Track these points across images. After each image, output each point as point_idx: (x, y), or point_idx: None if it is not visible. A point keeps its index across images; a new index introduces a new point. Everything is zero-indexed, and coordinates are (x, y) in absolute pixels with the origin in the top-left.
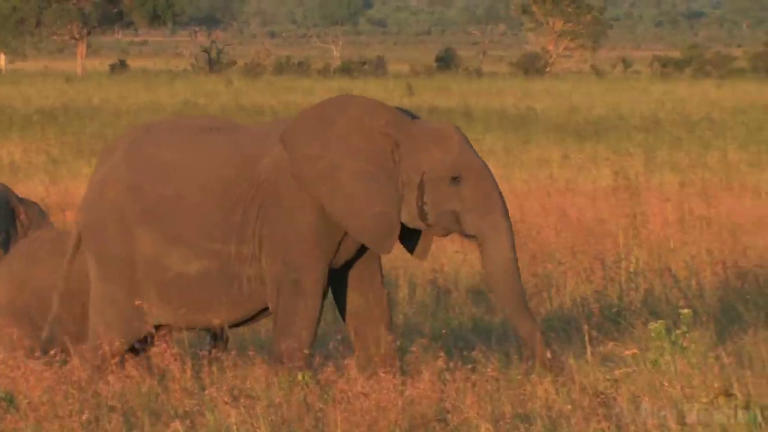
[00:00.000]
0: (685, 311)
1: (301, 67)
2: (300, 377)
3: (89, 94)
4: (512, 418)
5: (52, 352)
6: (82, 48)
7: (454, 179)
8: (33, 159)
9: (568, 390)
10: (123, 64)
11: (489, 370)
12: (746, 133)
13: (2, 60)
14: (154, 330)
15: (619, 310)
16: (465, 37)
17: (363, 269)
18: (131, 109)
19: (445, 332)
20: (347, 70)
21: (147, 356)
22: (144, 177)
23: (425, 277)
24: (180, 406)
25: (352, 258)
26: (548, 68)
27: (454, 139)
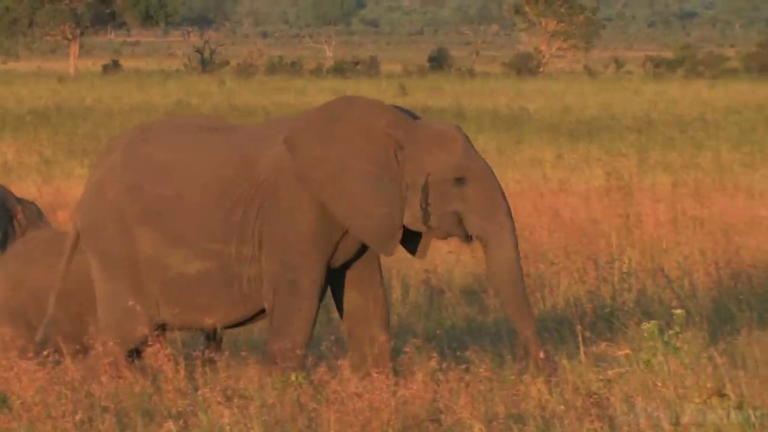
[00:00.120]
0: (678, 311)
1: (294, 68)
2: (293, 377)
3: (82, 95)
4: (505, 418)
5: (45, 352)
6: (74, 48)
7: (458, 180)
8: (25, 159)
9: (562, 390)
10: (116, 65)
11: (482, 370)
12: (739, 133)
13: None
14: (159, 326)
15: (612, 310)
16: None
17: (363, 269)
18: (124, 110)
19: (439, 333)
20: (340, 70)
21: (140, 356)
22: (143, 177)
23: (418, 277)
24: (173, 406)
25: (350, 259)
26: (541, 68)
27: (457, 141)
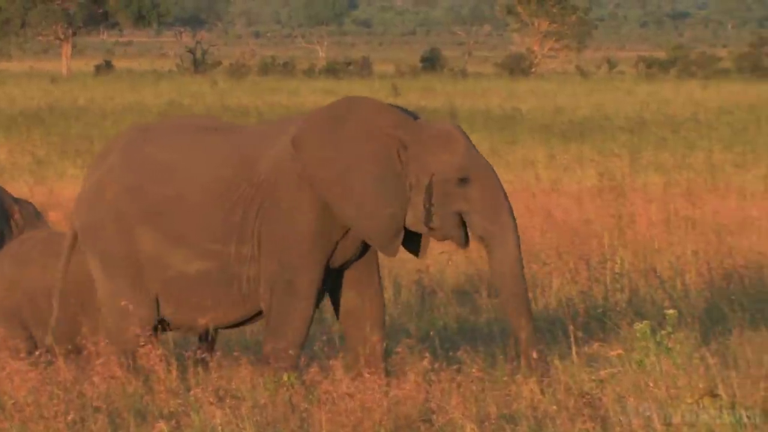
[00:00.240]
0: (671, 312)
1: (286, 68)
2: (285, 378)
3: (74, 95)
4: (497, 418)
5: (38, 353)
6: (67, 48)
7: (462, 181)
8: (18, 160)
9: (554, 390)
10: (108, 65)
11: (474, 370)
12: (731, 133)
13: None
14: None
15: (604, 310)
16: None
17: (362, 270)
18: (116, 110)
19: (431, 333)
20: (332, 70)
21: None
22: (143, 177)
23: (410, 277)
24: (165, 406)
25: (349, 259)
26: (533, 69)
27: (460, 141)
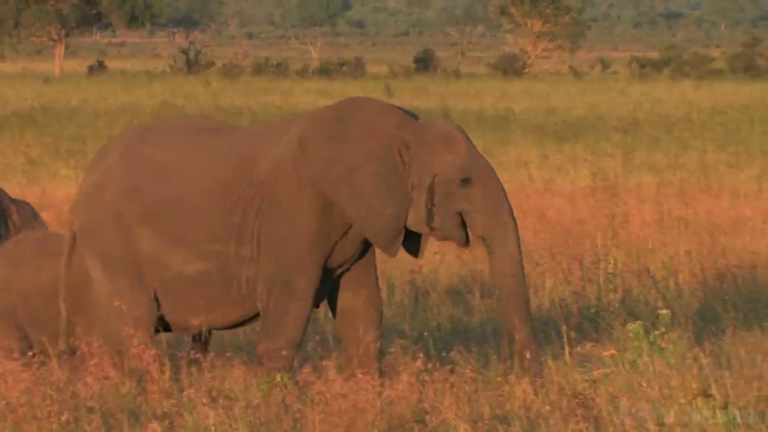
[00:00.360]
0: (664, 312)
1: (280, 69)
2: (278, 378)
3: (67, 96)
4: (491, 419)
5: (31, 353)
6: (60, 49)
7: (464, 181)
8: (11, 160)
9: (547, 391)
10: (101, 66)
11: (467, 371)
12: (724, 133)
13: None
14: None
15: (597, 310)
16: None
17: (360, 270)
18: (109, 111)
19: (425, 333)
20: (326, 71)
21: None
22: (142, 178)
23: (403, 278)
24: (158, 407)
25: (347, 260)
26: (526, 69)
27: (461, 141)
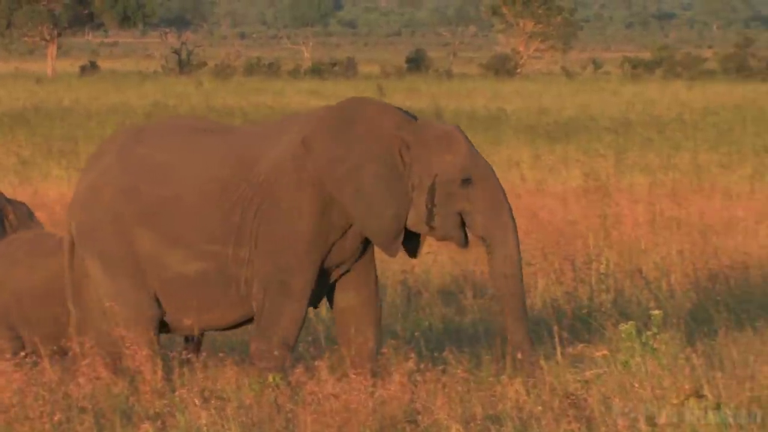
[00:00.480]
0: (656, 312)
1: (272, 69)
2: (270, 378)
3: (59, 96)
4: (483, 419)
5: (23, 353)
6: (52, 49)
7: (465, 181)
8: (3, 160)
9: (539, 391)
10: (93, 66)
11: (460, 371)
12: (716, 134)
13: None
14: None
15: (589, 311)
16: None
17: (359, 270)
18: (101, 111)
19: (417, 334)
20: (318, 71)
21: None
22: (140, 179)
23: (396, 278)
24: (151, 407)
25: (345, 261)
26: (518, 69)
27: (461, 141)
